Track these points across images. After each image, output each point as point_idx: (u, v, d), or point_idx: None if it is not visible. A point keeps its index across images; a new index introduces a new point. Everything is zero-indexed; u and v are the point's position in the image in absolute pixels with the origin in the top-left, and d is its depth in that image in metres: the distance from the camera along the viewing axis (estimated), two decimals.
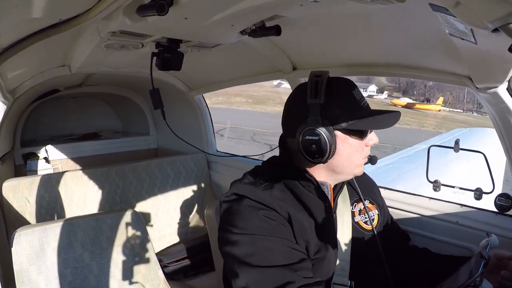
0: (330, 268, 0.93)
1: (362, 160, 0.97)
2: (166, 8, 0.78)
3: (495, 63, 0.80)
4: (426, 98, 35.85)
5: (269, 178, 0.95)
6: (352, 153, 0.94)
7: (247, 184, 0.94)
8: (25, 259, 1.23)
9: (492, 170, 1.24)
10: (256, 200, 0.88)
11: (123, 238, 1.43)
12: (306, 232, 0.90)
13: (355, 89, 0.95)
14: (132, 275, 1.41)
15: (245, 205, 0.88)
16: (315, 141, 0.88)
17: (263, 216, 0.86)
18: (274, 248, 0.83)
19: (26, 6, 0.73)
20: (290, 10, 0.98)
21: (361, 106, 0.94)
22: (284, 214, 0.88)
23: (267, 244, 0.83)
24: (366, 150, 0.97)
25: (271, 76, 1.66)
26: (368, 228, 1.03)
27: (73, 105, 2.78)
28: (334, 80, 0.93)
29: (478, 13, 0.53)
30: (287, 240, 0.86)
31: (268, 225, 0.86)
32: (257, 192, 0.90)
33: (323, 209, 0.95)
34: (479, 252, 0.75)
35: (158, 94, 1.36)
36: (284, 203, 0.90)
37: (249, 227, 0.85)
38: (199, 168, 2.27)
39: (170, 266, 1.92)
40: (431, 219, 1.25)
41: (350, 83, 0.96)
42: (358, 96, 0.94)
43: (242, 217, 0.87)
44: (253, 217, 0.86)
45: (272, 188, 0.92)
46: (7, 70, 1.17)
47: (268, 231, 0.85)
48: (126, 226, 1.45)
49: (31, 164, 2.26)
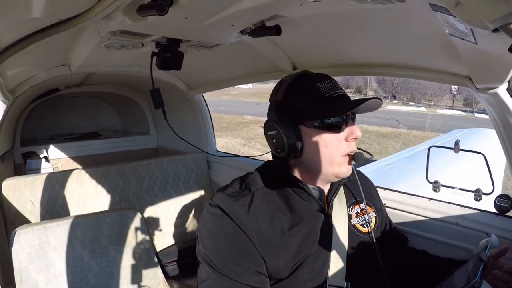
0: (324, 270, 0.92)
1: (339, 157, 0.90)
2: (166, 8, 0.78)
3: (495, 63, 0.79)
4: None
5: (255, 187, 0.94)
6: (322, 149, 0.89)
7: (228, 196, 0.92)
8: (24, 258, 1.24)
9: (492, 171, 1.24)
10: (231, 218, 0.88)
11: (122, 237, 1.43)
12: (286, 241, 0.89)
13: (323, 82, 0.91)
14: (131, 275, 1.41)
15: (219, 222, 0.89)
16: (273, 135, 0.93)
17: (231, 237, 0.87)
18: (239, 272, 0.85)
19: (26, 5, 0.73)
20: (290, 10, 0.98)
21: (326, 97, 0.89)
22: (256, 234, 0.87)
23: (232, 268, 0.85)
24: (345, 146, 0.90)
25: (271, 75, 1.66)
26: (365, 230, 1.02)
27: (73, 105, 2.79)
28: (302, 76, 0.95)
29: (478, 13, 0.53)
30: (249, 263, 0.86)
31: (234, 248, 0.87)
32: (234, 207, 0.89)
33: (314, 214, 0.94)
34: (478, 255, 0.74)
35: (159, 93, 1.36)
36: (260, 218, 0.89)
37: (215, 251, 0.88)
38: (199, 167, 2.27)
39: (169, 265, 1.92)
40: (430, 220, 1.25)
41: (319, 76, 0.93)
42: (324, 88, 0.90)
43: (211, 238, 0.89)
44: (221, 240, 0.88)
45: (252, 202, 0.91)
46: (7, 69, 1.17)
47: (231, 256, 0.86)
48: (126, 225, 1.45)
49: (31, 163, 2.26)
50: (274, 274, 0.88)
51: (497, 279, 0.82)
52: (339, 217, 0.99)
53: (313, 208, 0.95)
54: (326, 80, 0.92)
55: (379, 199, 1.17)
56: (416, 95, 35.44)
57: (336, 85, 0.92)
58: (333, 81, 0.93)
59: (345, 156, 0.90)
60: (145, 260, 1.46)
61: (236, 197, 0.91)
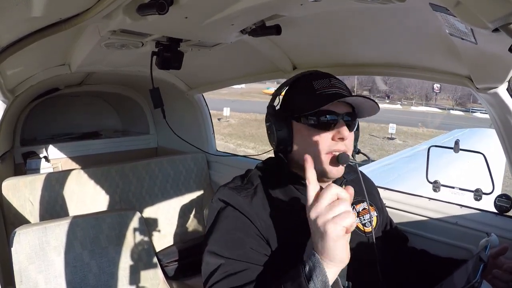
0: None
1: (324, 155, 0.89)
2: (166, 7, 0.78)
3: (495, 63, 0.79)
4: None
5: (257, 181, 0.95)
6: (308, 145, 0.90)
7: (230, 189, 0.92)
8: (24, 258, 1.23)
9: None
10: (234, 207, 0.88)
11: (122, 237, 1.43)
12: (288, 238, 0.89)
13: (321, 79, 0.91)
14: (131, 275, 1.41)
15: (224, 215, 0.89)
16: (268, 126, 0.97)
17: (237, 227, 0.87)
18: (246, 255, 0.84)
19: (26, 5, 0.73)
20: (290, 10, 0.98)
21: (317, 94, 0.89)
22: (260, 223, 0.87)
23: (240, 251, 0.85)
24: (330, 144, 0.89)
25: (271, 75, 1.66)
26: (366, 230, 1.02)
27: (73, 104, 2.79)
28: (308, 73, 0.96)
29: (479, 13, 0.52)
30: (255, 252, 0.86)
31: (240, 234, 0.86)
32: (237, 198, 0.89)
33: None
34: (478, 255, 0.74)
35: (158, 93, 1.36)
36: (264, 210, 0.89)
37: (222, 241, 0.87)
38: (199, 167, 2.27)
39: (169, 265, 1.92)
40: (430, 220, 1.25)
41: (319, 74, 0.94)
42: (319, 85, 0.90)
43: (217, 231, 0.89)
44: (226, 230, 0.88)
45: (255, 195, 0.91)
46: (7, 69, 1.17)
47: (238, 241, 0.86)
48: (126, 225, 1.45)
49: (31, 163, 2.26)
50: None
51: (497, 278, 0.82)
52: None
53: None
54: (324, 78, 0.92)
55: (380, 198, 1.17)
56: (396, 93, 38.25)
57: (334, 84, 0.92)
58: (333, 79, 0.93)
59: (328, 154, 0.90)
60: (145, 260, 1.46)
61: (238, 190, 0.92)
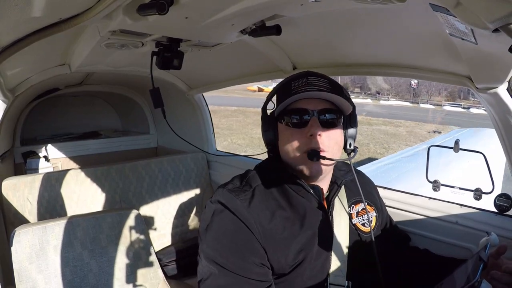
0: (325, 269, 0.93)
1: (301, 153, 0.91)
2: (167, 8, 0.78)
3: (495, 63, 0.80)
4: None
5: (256, 183, 0.96)
6: (286, 144, 0.94)
7: (229, 191, 0.93)
8: (24, 258, 1.23)
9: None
10: (232, 211, 0.89)
11: (122, 237, 1.43)
12: (287, 238, 0.89)
13: (299, 79, 0.93)
14: (131, 274, 1.41)
15: (220, 218, 0.90)
16: (261, 128, 1.01)
17: (232, 232, 0.88)
18: (242, 265, 0.86)
19: (26, 5, 0.73)
20: (290, 10, 0.98)
21: (292, 93, 0.91)
22: (257, 227, 0.88)
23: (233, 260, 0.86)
24: (304, 142, 0.90)
25: (272, 75, 1.66)
26: (366, 230, 1.03)
27: (73, 104, 2.79)
28: (293, 75, 0.99)
29: (479, 13, 0.53)
30: (252, 258, 0.87)
31: (236, 242, 0.87)
32: (235, 202, 0.90)
33: (314, 211, 0.95)
34: (478, 254, 0.74)
35: (158, 93, 1.35)
36: (261, 213, 0.90)
37: (217, 246, 0.88)
38: (199, 167, 2.27)
39: (169, 265, 1.92)
40: (430, 219, 1.25)
41: (300, 74, 0.96)
42: (296, 85, 0.92)
43: (213, 234, 0.90)
44: (223, 235, 0.89)
45: (253, 198, 0.92)
46: (7, 69, 1.17)
47: (234, 250, 0.87)
48: (126, 225, 1.45)
49: (31, 163, 2.26)
50: (276, 269, 0.89)
51: (495, 279, 0.82)
52: (340, 216, 1.00)
53: (312, 205, 0.96)
54: (302, 78, 0.94)
55: (380, 198, 1.17)
56: (372, 88, 40.55)
57: (312, 82, 0.92)
58: (312, 79, 0.93)
59: (305, 153, 0.91)
60: (145, 259, 1.46)
61: (237, 192, 0.92)
